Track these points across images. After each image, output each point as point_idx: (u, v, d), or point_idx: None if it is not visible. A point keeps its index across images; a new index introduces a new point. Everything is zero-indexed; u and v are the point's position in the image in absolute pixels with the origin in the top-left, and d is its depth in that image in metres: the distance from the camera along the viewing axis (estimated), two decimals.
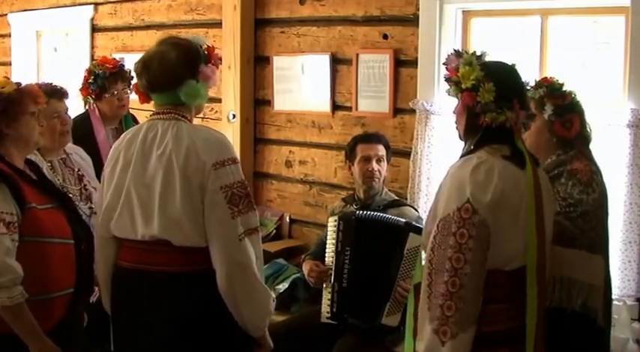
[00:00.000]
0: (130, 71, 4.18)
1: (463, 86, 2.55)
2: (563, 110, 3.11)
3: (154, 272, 2.75)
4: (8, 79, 2.98)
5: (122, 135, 2.92)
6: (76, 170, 3.56)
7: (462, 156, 2.61)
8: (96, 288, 3.22)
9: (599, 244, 3.05)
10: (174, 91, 2.77)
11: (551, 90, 3.13)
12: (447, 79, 2.64)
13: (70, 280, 2.93)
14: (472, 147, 2.59)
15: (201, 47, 2.82)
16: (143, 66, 2.81)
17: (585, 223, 2.95)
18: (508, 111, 2.50)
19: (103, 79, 4.04)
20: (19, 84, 2.95)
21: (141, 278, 2.78)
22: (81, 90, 4.07)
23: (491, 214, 2.40)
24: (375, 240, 3.76)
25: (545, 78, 3.22)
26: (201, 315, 2.75)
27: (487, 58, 2.61)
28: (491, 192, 2.41)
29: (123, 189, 2.77)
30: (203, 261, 2.72)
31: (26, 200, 2.80)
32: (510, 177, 2.47)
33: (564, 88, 3.17)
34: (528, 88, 3.12)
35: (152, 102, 2.90)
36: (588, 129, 3.19)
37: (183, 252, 2.72)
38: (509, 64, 2.64)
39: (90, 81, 4.05)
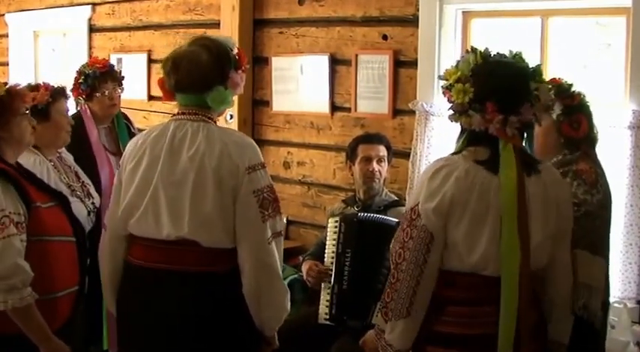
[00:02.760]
0: (120, 71, 4.19)
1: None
2: (572, 110, 3.09)
3: (176, 272, 2.73)
4: None
5: (145, 133, 2.87)
6: (72, 167, 3.56)
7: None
8: None
9: (602, 246, 3.03)
10: (201, 95, 2.76)
11: (560, 90, 3.10)
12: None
13: (74, 278, 2.92)
14: (458, 149, 2.58)
15: (231, 50, 2.81)
16: (173, 64, 2.78)
17: (588, 223, 2.92)
18: (477, 113, 2.45)
19: (94, 78, 4.04)
20: (5, 83, 2.94)
21: (160, 278, 2.75)
22: (72, 91, 4.06)
23: (435, 220, 2.45)
24: (377, 242, 3.73)
25: (554, 78, 3.18)
26: (221, 314, 2.75)
27: (518, 57, 2.57)
28: (438, 199, 2.44)
29: (149, 188, 2.74)
30: (227, 262, 2.73)
31: (32, 199, 2.80)
32: (475, 183, 2.44)
33: (573, 89, 3.15)
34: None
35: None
36: (595, 132, 3.17)
37: (209, 252, 2.72)
38: (517, 65, 2.55)
39: (80, 81, 4.05)
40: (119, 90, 4.15)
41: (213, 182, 2.67)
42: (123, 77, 4.18)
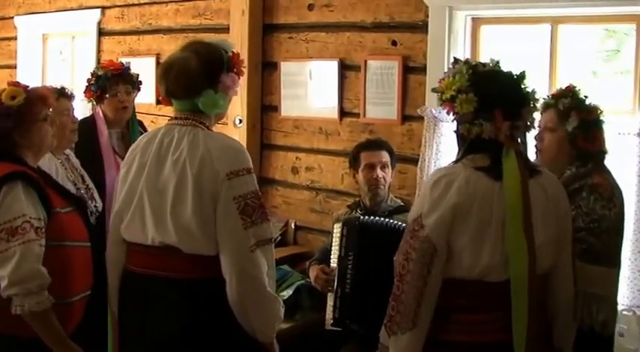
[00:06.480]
0: (137, 75, 4.17)
1: (443, 97, 2.55)
2: (589, 125, 3.07)
3: (163, 278, 2.72)
4: (18, 84, 2.93)
5: (139, 138, 2.90)
6: (78, 170, 3.57)
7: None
8: None
9: (619, 258, 3.03)
10: (192, 100, 2.74)
11: (577, 102, 3.09)
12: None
13: (87, 282, 2.93)
14: (459, 157, 2.58)
15: (225, 52, 2.78)
16: (163, 71, 2.78)
17: (610, 239, 2.92)
18: (486, 122, 2.46)
19: (104, 80, 4.03)
20: (26, 87, 2.92)
21: (148, 283, 2.76)
22: (85, 92, 4.06)
23: (438, 231, 2.44)
24: (379, 245, 3.70)
25: (568, 86, 3.18)
26: (208, 322, 2.72)
27: (499, 65, 2.58)
28: (441, 209, 2.43)
29: (136, 193, 2.75)
30: (212, 269, 2.69)
31: (52, 204, 2.81)
32: (477, 190, 2.44)
33: (589, 102, 3.13)
34: (545, 97, 3.09)
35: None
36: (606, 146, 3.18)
37: (193, 259, 2.69)
38: (507, 72, 2.58)
39: (92, 82, 4.05)
40: (133, 94, 4.15)
41: (193, 189, 2.64)
42: (140, 81, 4.15)
